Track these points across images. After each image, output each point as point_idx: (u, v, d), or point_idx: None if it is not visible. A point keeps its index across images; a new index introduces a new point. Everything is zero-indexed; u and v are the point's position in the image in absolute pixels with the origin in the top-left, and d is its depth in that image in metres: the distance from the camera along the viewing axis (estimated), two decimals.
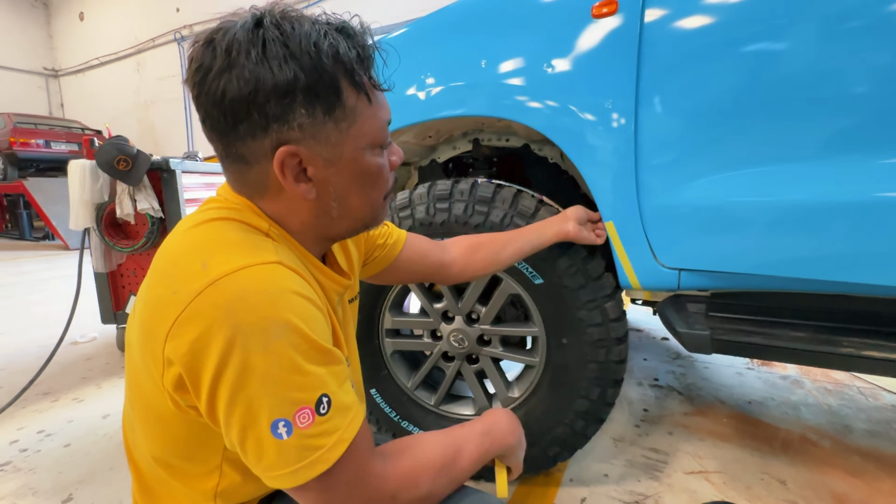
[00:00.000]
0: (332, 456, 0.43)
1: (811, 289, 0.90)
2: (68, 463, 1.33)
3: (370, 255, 0.78)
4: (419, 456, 0.52)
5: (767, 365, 1.94)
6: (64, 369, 2.06)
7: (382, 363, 1.24)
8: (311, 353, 0.43)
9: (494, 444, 0.60)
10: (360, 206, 0.52)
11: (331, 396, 0.43)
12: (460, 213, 1.06)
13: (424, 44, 1.14)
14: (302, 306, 0.43)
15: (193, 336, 0.40)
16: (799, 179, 0.83)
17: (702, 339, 0.90)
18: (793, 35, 0.80)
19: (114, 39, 10.99)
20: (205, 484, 0.51)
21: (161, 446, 0.50)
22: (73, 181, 1.95)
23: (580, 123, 0.96)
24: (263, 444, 0.41)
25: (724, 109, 0.86)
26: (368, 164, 0.50)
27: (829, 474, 1.20)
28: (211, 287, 0.40)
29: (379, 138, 0.50)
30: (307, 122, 0.44)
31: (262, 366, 0.40)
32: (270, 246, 0.46)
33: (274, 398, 0.41)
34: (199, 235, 0.46)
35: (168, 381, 0.43)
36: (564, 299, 1.02)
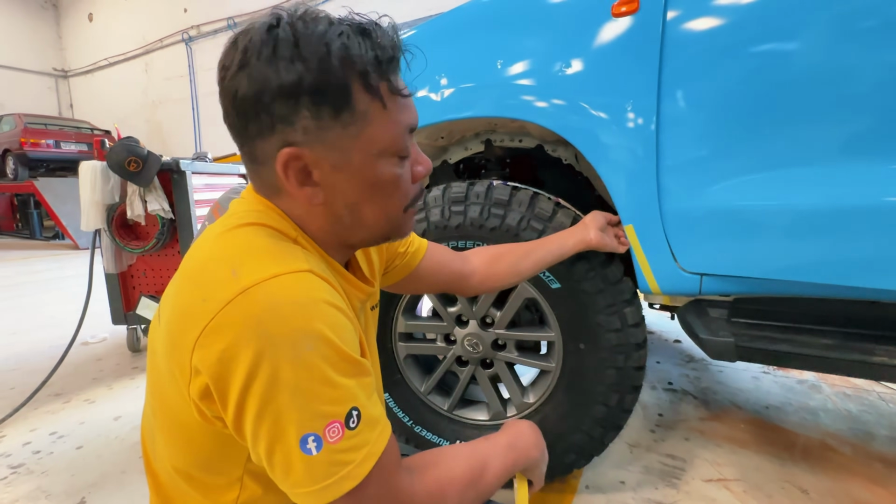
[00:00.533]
0: (361, 471, 0.41)
1: (838, 294, 0.87)
2: (80, 466, 1.33)
3: (391, 264, 0.77)
4: (446, 471, 0.51)
5: (784, 369, 1.91)
6: (75, 370, 2.07)
7: (395, 367, 1.22)
8: (342, 365, 0.42)
9: (520, 457, 0.59)
10: (375, 216, 0.50)
11: (360, 409, 0.42)
12: (476, 215, 1.04)
13: (439, 44, 1.13)
14: (333, 317, 0.42)
15: (223, 346, 0.39)
16: (825, 182, 0.80)
17: (725, 346, 0.87)
18: (822, 33, 0.78)
19: (122, 40, 11.07)
20: (225, 496, 0.50)
21: (182, 457, 0.49)
22: (84, 182, 1.96)
23: (600, 125, 0.94)
24: (292, 459, 0.40)
25: (748, 110, 0.84)
26: (381, 173, 0.47)
27: (851, 483, 1.17)
28: (241, 296, 0.39)
29: (394, 146, 0.47)
30: (312, 124, 0.43)
31: (293, 378, 0.39)
32: (300, 253, 0.45)
33: (304, 412, 0.39)
34: (229, 241, 0.45)
35: (194, 390, 0.41)
36: (582, 304, 1.00)
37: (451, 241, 1.08)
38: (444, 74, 1.10)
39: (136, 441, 1.46)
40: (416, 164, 0.51)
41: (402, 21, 7.08)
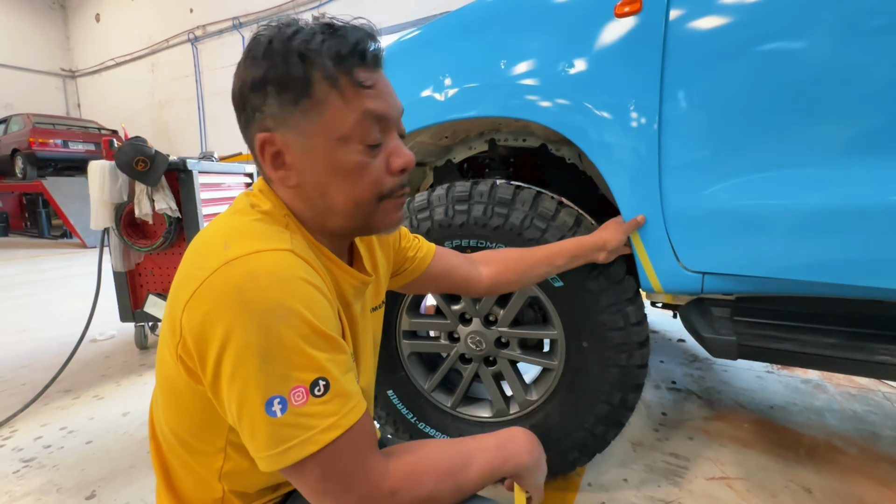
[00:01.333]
0: (323, 438, 0.43)
1: (841, 293, 0.87)
2: (90, 460, 1.35)
3: (400, 267, 0.80)
4: (424, 457, 0.52)
5: (788, 369, 1.90)
6: (84, 367, 2.10)
7: (399, 365, 1.23)
8: (313, 338, 0.44)
9: (509, 460, 0.58)
10: (343, 202, 0.52)
11: (329, 381, 0.44)
12: (480, 214, 1.05)
13: (443, 44, 1.13)
14: (307, 292, 0.46)
15: (205, 310, 0.43)
16: (828, 182, 0.81)
17: (728, 345, 0.87)
18: (825, 32, 0.78)
19: (129, 40, 11.16)
20: (212, 464, 0.54)
21: (176, 420, 0.53)
22: (93, 182, 1.98)
23: (603, 124, 0.94)
24: (257, 421, 0.42)
25: (750, 110, 0.84)
26: (343, 159, 0.50)
27: (857, 483, 1.17)
28: (226, 266, 0.44)
29: (355, 133, 0.50)
30: (277, 111, 0.49)
31: (264, 343, 0.42)
32: (287, 236, 0.50)
33: (271, 376, 0.42)
34: (228, 223, 0.51)
35: (182, 350, 0.46)
36: (585, 303, 1.00)
37: (455, 239, 1.08)
38: (449, 74, 1.11)
39: (144, 436, 1.48)
40: (393, 156, 0.53)
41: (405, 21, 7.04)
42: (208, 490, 0.56)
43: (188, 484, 0.57)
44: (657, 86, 0.89)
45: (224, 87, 9.69)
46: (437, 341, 1.23)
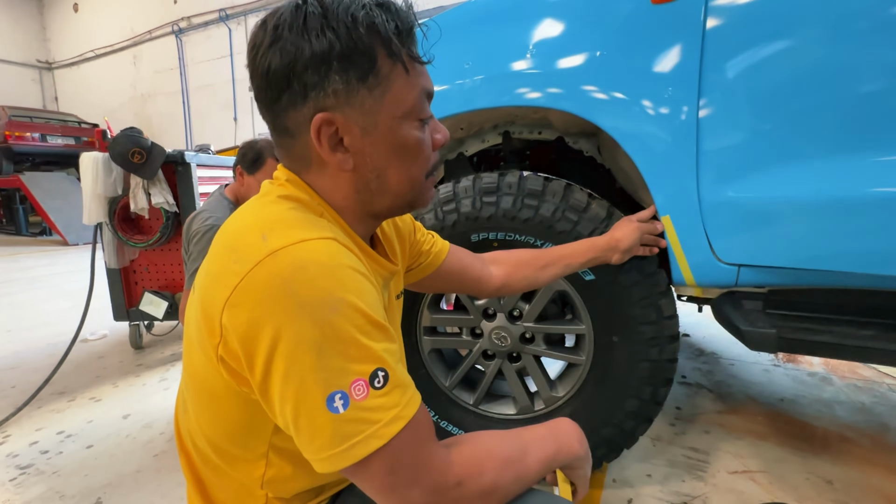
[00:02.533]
0: (389, 431, 0.41)
1: (877, 285, 0.87)
2: (93, 465, 1.29)
3: (415, 262, 0.78)
4: (482, 446, 0.49)
5: (794, 361, 1.92)
6: (77, 368, 2.01)
7: (420, 362, 1.20)
8: (367, 328, 0.42)
9: (562, 449, 0.56)
10: (399, 181, 0.51)
11: (387, 371, 0.42)
12: (509, 206, 1.02)
13: (470, 30, 1.10)
14: (357, 281, 0.43)
15: (251, 307, 0.40)
16: (868, 171, 0.80)
17: (767, 338, 0.87)
18: (874, 14, 0.77)
19: (109, 32, 10.82)
20: (253, 471, 0.51)
21: (212, 426, 0.50)
22: (85, 174, 1.90)
23: (638, 113, 0.92)
24: (318, 419, 0.40)
25: (791, 99, 0.83)
26: (406, 136, 0.49)
27: (874, 474, 1.18)
28: (269, 258, 0.41)
29: (416, 110, 0.49)
30: (341, 88, 0.46)
31: (319, 337, 0.39)
32: (326, 225, 0.48)
33: (330, 371, 0.40)
34: (261, 213, 0.47)
35: (223, 352, 0.42)
36: (617, 296, 0.99)
37: (483, 232, 1.06)
38: (473, 61, 1.08)
39: (148, 440, 1.42)
40: (434, 132, 0.53)
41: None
42: (249, 498, 0.53)
43: (226, 495, 0.54)
44: (696, 73, 0.87)
45: (210, 81, 9.47)
46: (458, 337, 1.20)
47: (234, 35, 9.01)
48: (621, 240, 0.92)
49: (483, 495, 0.46)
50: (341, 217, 0.52)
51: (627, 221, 0.95)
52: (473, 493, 0.45)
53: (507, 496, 0.48)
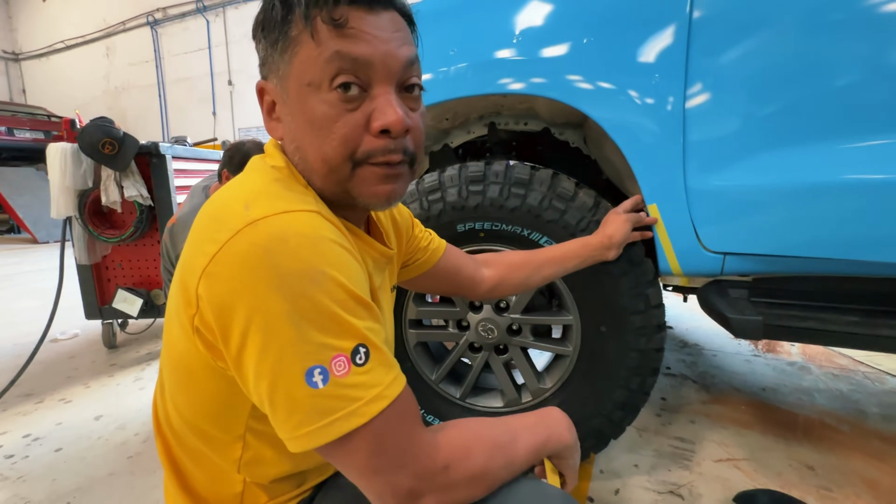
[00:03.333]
0: (370, 410, 0.39)
1: (859, 271, 0.88)
2: (62, 469, 1.23)
3: (412, 258, 0.76)
4: (470, 431, 0.47)
5: (773, 352, 1.96)
6: (46, 369, 1.93)
7: (406, 355, 1.18)
8: (350, 304, 0.41)
9: (551, 437, 0.55)
10: (314, 159, 0.46)
11: (369, 349, 0.41)
12: (496, 195, 1.00)
13: (452, 17, 1.07)
14: (341, 255, 0.42)
15: (227, 275, 0.38)
16: (849, 159, 0.81)
17: (753, 325, 0.87)
18: (850, 5, 0.77)
19: (80, 22, 10.43)
20: (230, 454, 0.49)
21: (189, 405, 0.48)
22: (52, 166, 1.81)
23: (626, 102, 0.91)
24: (296, 394, 0.38)
25: (777, 85, 0.83)
26: (312, 108, 0.44)
27: (854, 459, 1.20)
28: (250, 226, 0.39)
29: (323, 79, 0.43)
30: (265, 55, 0.47)
31: (299, 310, 0.38)
32: (311, 198, 0.46)
33: (310, 344, 0.38)
34: (247, 184, 0.46)
35: (198, 322, 0.41)
36: (605, 286, 0.98)
37: (469, 222, 1.03)
38: (459, 49, 1.05)
39: (122, 441, 1.36)
40: (375, 112, 0.44)
41: None
42: (227, 484, 0.51)
43: (203, 480, 0.52)
44: (682, 60, 0.87)
45: (188, 74, 9.22)
46: (445, 330, 1.18)
47: (213, 27, 8.78)
48: (613, 235, 0.91)
49: (471, 480, 0.44)
50: None
51: (615, 215, 0.94)
52: (461, 478, 0.43)
53: (495, 482, 0.47)
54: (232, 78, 8.78)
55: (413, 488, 0.41)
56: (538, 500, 0.47)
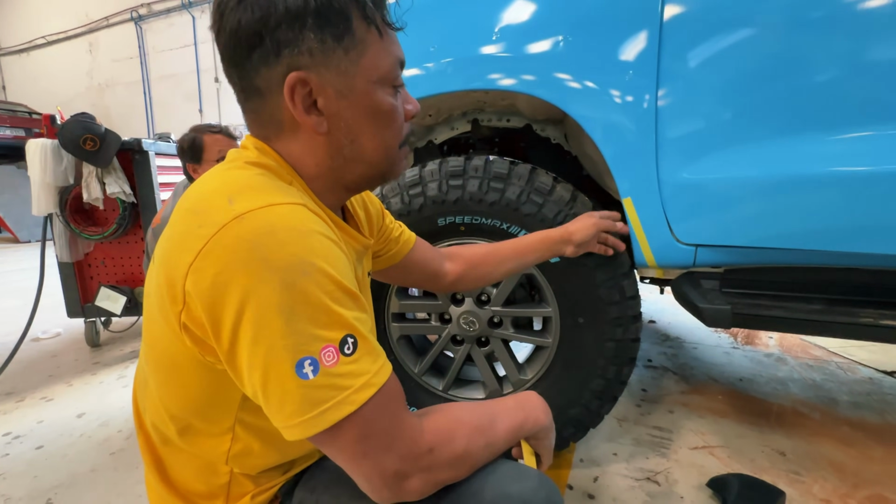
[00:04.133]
0: (359, 397, 0.40)
1: (823, 262, 0.92)
2: (43, 466, 1.22)
3: (383, 248, 0.78)
4: (452, 415, 0.50)
5: (752, 344, 2.01)
6: (27, 367, 1.90)
7: (388, 348, 1.19)
8: (338, 294, 0.42)
9: (528, 419, 0.58)
10: (374, 149, 0.51)
11: (357, 338, 0.42)
12: (475, 189, 1.02)
13: (438, 13, 1.09)
14: (328, 247, 0.43)
15: (216, 270, 0.38)
16: (817, 153, 0.84)
17: (722, 314, 0.90)
18: (819, 4, 0.80)
19: (62, 17, 10.21)
20: (219, 447, 0.50)
21: (175, 401, 0.48)
22: (32, 162, 1.79)
23: (599, 97, 0.93)
24: (287, 386, 0.39)
25: (745, 81, 0.86)
26: (380, 101, 0.49)
27: (823, 444, 1.25)
28: (236, 220, 0.39)
29: (390, 76, 0.49)
30: (317, 47, 0.44)
31: (289, 302, 0.38)
32: (295, 191, 0.46)
33: (300, 336, 0.39)
34: (228, 178, 0.46)
35: (186, 318, 0.41)
36: (582, 278, 1.00)
37: (450, 216, 1.05)
38: (439, 44, 1.07)
39: (104, 438, 1.35)
40: (406, 102, 0.53)
41: None
42: (213, 476, 0.52)
43: (187, 474, 0.52)
44: (654, 58, 0.89)
45: (173, 71, 9.10)
46: (427, 323, 1.20)
47: (199, 23, 8.66)
48: (574, 233, 0.93)
49: (455, 461, 0.46)
50: (310, 186, 0.51)
51: (587, 216, 0.96)
52: (445, 459, 0.45)
53: (477, 462, 0.49)
54: (219, 75, 8.67)
55: (399, 470, 0.42)
56: (516, 478, 0.49)
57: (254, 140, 0.51)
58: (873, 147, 0.80)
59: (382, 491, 0.43)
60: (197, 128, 1.52)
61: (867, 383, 1.62)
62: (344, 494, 0.51)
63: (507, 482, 0.48)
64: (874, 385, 1.60)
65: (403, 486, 0.43)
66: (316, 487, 0.54)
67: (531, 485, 0.48)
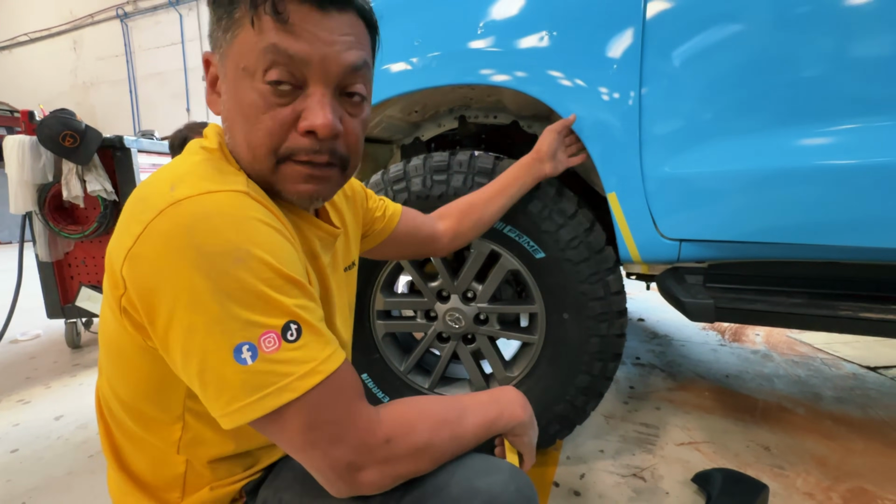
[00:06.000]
0: (303, 384, 0.39)
1: (804, 255, 0.92)
2: (17, 470, 1.19)
3: (370, 228, 0.77)
4: (416, 406, 0.48)
5: (739, 341, 2.03)
6: (4, 370, 1.86)
7: (374, 346, 1.18)
8: (278, 282, 0.40)
9: (503, 413, 0.55)
10: (241, 143, 0.46)
11: (301, 325, 0.41)
12: (459, 185, 1.01)
13: (419, 7, 1.08)
14: (267, 234, 0.41)
15: (152, 256, 0.38)
16: (797, 147, 0.84)
17: (705, 308, 0.90)
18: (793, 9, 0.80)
19: (45, 14, 10.04)
20: (170, 435, 0.49)
21: (125, 386, 0.48)
22: (10, 160, 1.74)
23: (584, 93, 0.93)
24: (225, 372, 0.38)
25: (727, 77, 0.86)
26: (243, 91, 0.44)
27: (807, 439, 1.26)
28: (173, 206, 0.38)
29: (257, 68, 0.43)
30: (213, 28, 0.46)
31: (223, 289, 0.38)
32: (242, 179, 0.45)
33: (236, 322, 0.38)
34: (177, 164, 0.45)
35: (125, 303, 0.41)
36: (566, 274, 1.00)
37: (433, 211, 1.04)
38: (421, 39, 1.06)
39: (82, 440, 1.32)
40: (305, 111, 0.44)
41: None
42: (167, 466, 0.51)
43: (143, 464, 0.51)
44: (637, 54, 0.89)
45: (161, 69, 8.97)
46: (413, 320, 1.18)
47: (186, 21, 8.56)
48: (541, 147, 0.96)
49: (415, 453, 0.45)
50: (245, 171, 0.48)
51: (546, 131, 0.97)
52: (403, 451, 0.44)
53: (442, 455, 0.47)
54: None
55: (352, 461, 0.41)
56: (485, 472, 0.47)
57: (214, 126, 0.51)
58: (855, 141, 0.81)
59: (337, 483, 0.42)
60: (189, 126, 1.51)
61: (851, 379, 1.64)
62: (307, 493, 0.49)
63: (476, 476, 0.46)
64: (857, 381, 1.62)
65: (358, 479, 0.42)
66: (280, 486, 0.53)
67: (501, 478, 0.46)
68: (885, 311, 0.82)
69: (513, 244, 1.02)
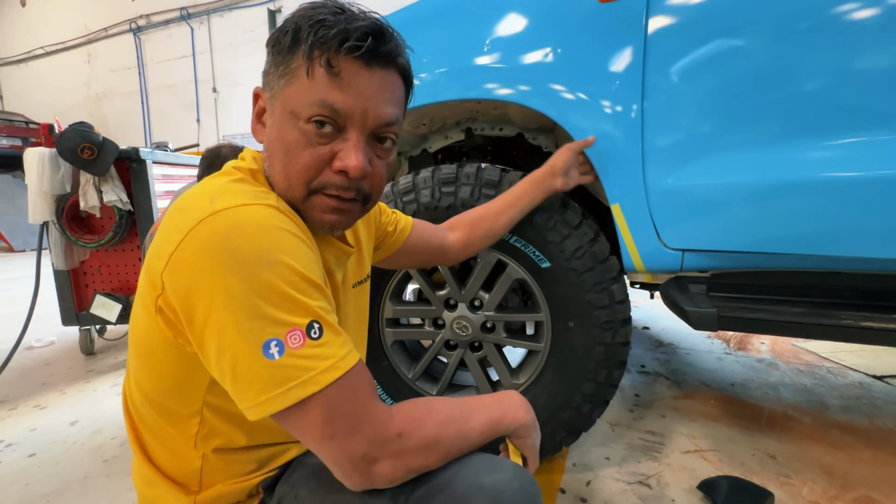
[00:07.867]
0: (324, 378, 0.43)
1: (806, 265, 0.94)
2: (35, 474, 1.22)
3: (381, 241, 0.81)
4: (425, 405, 0.51)
5: (744, 349, 2.03)
6: (20, 376, 1.90)
7: (383, 354, 1.20)
8: (303, 286, 0.45)
9: (506, 415, 0.58)
10: (278, 173, 0.52)
11: (323, 325, 0.45)
12: (467, 196, 1.04)
13: (435, 25, 1.12)
14: (294, 243, 0.46)
15: (191, 260, 0.42)
16: (798, 160, 0.86)
17: (709, 317, 0.91)
18: (801, 15, 0.83)
19: (60, 28, 10.28)
20: (188, 429, 0.53)
21: (150, 380, 0.52)
22: (30, 171, 1.80)
23: (588, 107, 0.96)
24: (254, 365, 0.42)
25: (728, 90, 0.89)
26: (287, 131, 0.50)
27: (813, 448, 1.26)
28: (211, 216, 0.43)
29: (303, 112, 0.49)
30: (269, 69, 0.52)
31: (255, 290, 0.42)
32: (272, 197, 0.50)
33: (265, 320, 0.42)
34: (213, 183, 0.51)
35: (161, 302, 0.45)
36: (572, 283, 1.02)
37: (442, 223, 1.07)
38: (433, 55, 1.10)
39: (97, 445, 1.35)
40: (341, 153, 0.50)
41: None
42: (186, 460, 0.55)
43: (165, 456, 0.56)
44: (640, 68, 0.92)
45: (172, 81, 9.15)
46: (421, 328, 1.21)
47: (197, 34, 8.74)
48: (555, 164, 0.98)
49: (425, 447, 0.47)
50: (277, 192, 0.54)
51: (565, 146, 1.00)
52: (415, 445, 0.46)
53: (449, 451, 0.50)
54: (216, 85, 8.74)
55: (367, 453, 0.44)
56: (490, 469, 0.49)
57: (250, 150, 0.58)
58: (855, 153, 0.83)
59: (353, 476, 0.44)
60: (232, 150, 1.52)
61: (857, 388, 1.64)
62: (322, 488, 0.52)
63: (481, 473, 0.49)
64: (864, 389, 1.62)
65: (373, 471, 0.44)
66: (296, 482, 0.56)
67: (505, 476, 0.48)
68: (887, 320, 0.83)
69: (519, 254, 1.04)
